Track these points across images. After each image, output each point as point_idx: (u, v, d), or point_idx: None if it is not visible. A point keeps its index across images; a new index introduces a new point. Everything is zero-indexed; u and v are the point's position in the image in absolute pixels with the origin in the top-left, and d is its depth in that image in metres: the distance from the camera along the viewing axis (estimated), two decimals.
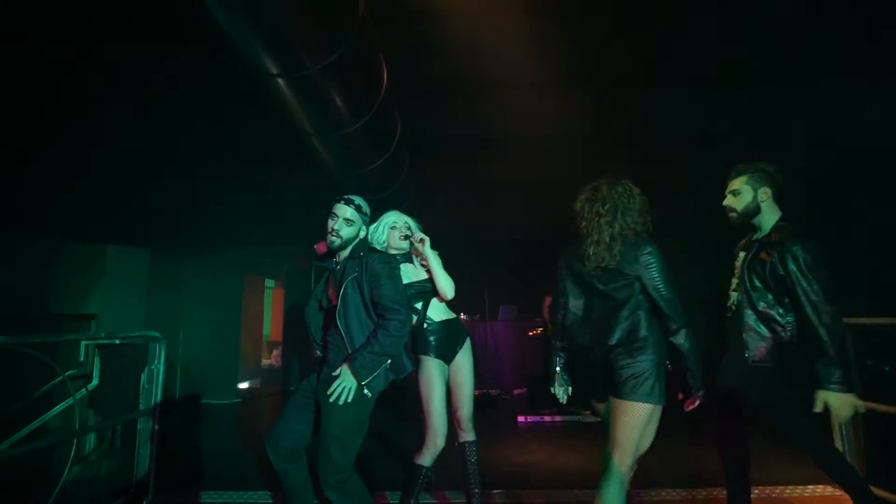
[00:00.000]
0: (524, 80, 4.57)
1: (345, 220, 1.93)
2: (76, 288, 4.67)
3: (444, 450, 2.13)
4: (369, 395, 1.78)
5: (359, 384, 1.75)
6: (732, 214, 2.00)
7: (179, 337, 5.88)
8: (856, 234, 5.33)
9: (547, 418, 4.63)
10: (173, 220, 5.61)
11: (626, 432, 1.63)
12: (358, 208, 1.97)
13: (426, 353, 2.18)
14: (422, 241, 2.23)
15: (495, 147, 5.72)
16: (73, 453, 2.24)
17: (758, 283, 1.91)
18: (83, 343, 2.52)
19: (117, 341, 2.61)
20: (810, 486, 2.66)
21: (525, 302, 6.56)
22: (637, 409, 1.62)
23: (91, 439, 2.91)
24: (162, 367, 2.68)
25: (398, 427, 4.57)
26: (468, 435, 2.21)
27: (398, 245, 2.30)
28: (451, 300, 2.28)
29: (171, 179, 5.27)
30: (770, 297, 1.88)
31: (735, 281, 2.03)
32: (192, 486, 2.81)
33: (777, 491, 2.60)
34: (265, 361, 8.44)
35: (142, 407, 2.63)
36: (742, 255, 2.03)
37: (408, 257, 2.33)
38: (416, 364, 2.19)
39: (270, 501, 2.60)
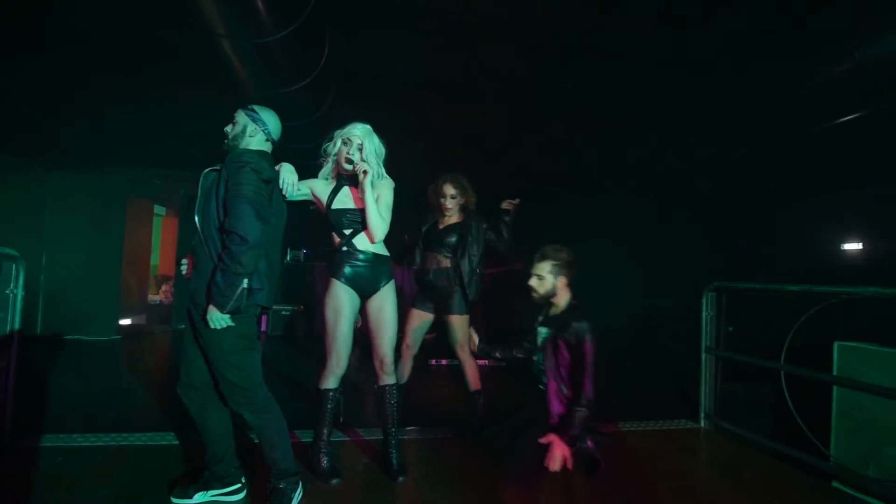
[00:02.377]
0: (459, 25, 4.34)
1: (233, 122, 1.84)
2: None
3: (361, 392, 2.09)
4: (233, 323, 1.67)
5: (223, 313, 1.64)
6: (535, 294, 2.36)
7: (42, 262, 5.00)
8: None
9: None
10: (34, 120, 4.57)
11: None
12: (250, 110, 1.85)
13: (336, 277, 2.08)
14: (364, 172, 2.03)
15: (425, 92, 5.48)
16: None
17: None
18: None
19: None
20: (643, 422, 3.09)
21: None
22: None
23: None
24: (20, 293, 2.22)
25: (307, 368, 4.45)
26: (389, 378, 2.16)
27: (343, 164, 2.09)
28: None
29: (33, 69, 4.22)
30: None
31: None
32: (59, 429, 2.46)
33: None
34: (153, 297, 7.60)
35: None
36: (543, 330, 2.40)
37: (355, 180, 2.11)
38: (327, 284, 2.11)
39: (153, 443, 2.38)
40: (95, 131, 4.77)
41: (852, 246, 6.42)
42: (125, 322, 6.19)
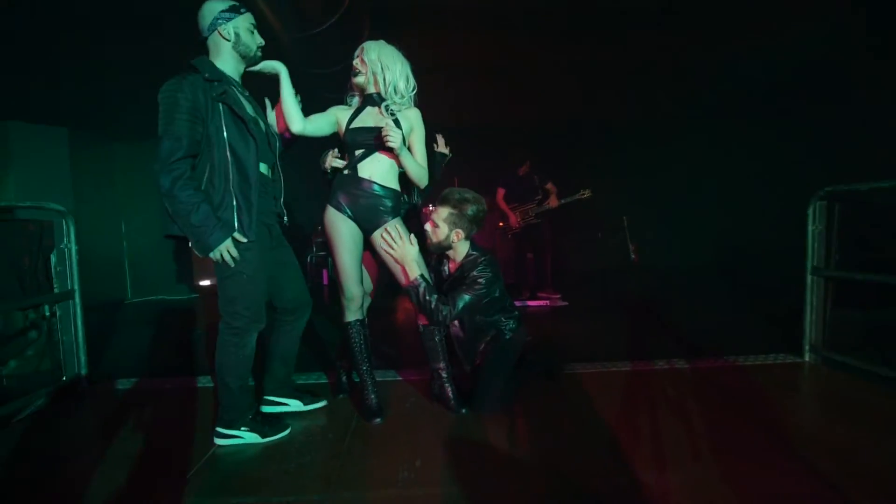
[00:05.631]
0: None
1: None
2: None
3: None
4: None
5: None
6: (427, 243, 2.05)
7: (122, 230, 5.40)
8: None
9: (532, 303, 4.60)
10: (92, 95, 4.77)
11: None
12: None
13: (331, 203, 1.95)
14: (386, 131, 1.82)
15: (469, 24, 4.96)
16: None
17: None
18: None
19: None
20: (762, 355, 2.68)
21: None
22: None
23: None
24: (74, 247, 2.29)
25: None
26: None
27: (353, 78, 1.97)
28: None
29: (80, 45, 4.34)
30: None
31: None
32: (135, 374, 2.62)
33: (731, 360, 2.62)
34: None
35: (57, 291, 2.29)
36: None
37: (374, 101, 1.96)
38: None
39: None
40: (146, 99, 4.88)
41: None
42: (205, 283, 6.63)
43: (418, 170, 1.95)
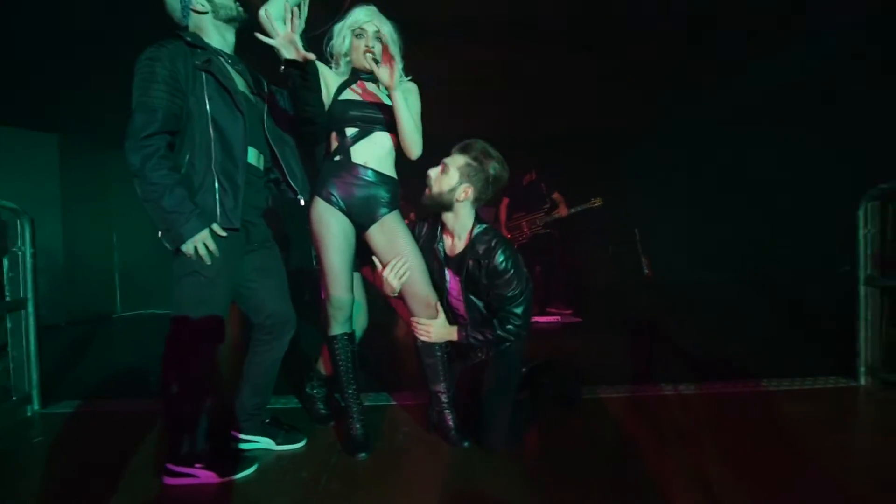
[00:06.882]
0: None
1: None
2: None
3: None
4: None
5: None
6: (426, 192, 1.71)
7: (113, 242, 5.18)
8: None
9: (541, 319, 4.26)
10: (84, 102, 4.62)
11: None
12: None
13: (320, 195, 1.66)
14: (390, 61, 1.53)
15: (472, 33, 4.80)
16: None
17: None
18: None
19: None
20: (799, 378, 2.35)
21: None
22: None
23: None
24: (29, 250, 2.05)
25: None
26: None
27: (363, 62, 1.65)
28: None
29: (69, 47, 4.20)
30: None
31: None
32: (101, 394, 2.34)
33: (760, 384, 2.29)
34: None
35: (8, 299, 2.03)
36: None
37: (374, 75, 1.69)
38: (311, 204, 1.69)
39: None
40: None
41: None
42: None
43: (413, 129, 1.63)
